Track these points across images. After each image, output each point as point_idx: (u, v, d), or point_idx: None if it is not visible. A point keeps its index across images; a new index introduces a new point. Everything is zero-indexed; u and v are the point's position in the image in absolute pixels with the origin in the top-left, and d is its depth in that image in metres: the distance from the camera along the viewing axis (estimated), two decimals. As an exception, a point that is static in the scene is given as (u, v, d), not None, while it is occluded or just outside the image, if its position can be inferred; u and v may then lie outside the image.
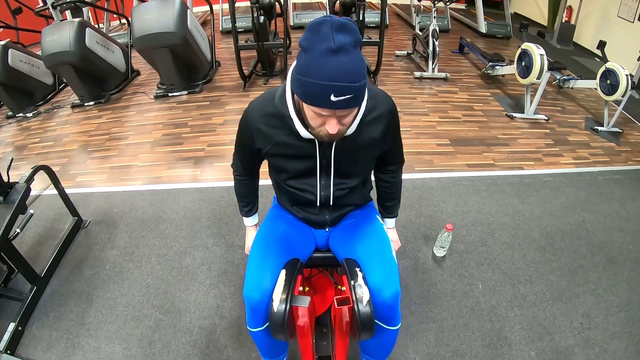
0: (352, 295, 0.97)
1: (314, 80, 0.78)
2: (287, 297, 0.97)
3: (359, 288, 0.98)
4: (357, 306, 0.95)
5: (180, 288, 1.78)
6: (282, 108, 0.96)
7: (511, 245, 2.01)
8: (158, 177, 2.59)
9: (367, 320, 0.96)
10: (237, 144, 1.15)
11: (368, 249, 1.10)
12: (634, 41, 4.21)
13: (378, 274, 1.02)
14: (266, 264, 1.06)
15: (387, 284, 1.01)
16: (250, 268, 1.07)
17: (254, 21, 3.43)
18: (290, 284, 0.99)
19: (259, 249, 1.12)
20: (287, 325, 0.97)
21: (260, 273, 1.04)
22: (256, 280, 1.03)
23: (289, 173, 1.09)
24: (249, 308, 1.04)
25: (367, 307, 0.96)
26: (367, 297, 0.97)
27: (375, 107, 1.00)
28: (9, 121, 3.61)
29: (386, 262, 1.06)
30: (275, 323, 0.97)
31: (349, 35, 0.76)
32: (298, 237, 1.20)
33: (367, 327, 0.96)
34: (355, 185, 1.13)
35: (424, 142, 2.92)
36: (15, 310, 1.62)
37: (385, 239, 1.15)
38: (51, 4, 3.56)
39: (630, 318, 1.65)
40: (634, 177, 2.62)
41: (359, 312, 0.95)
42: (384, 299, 1.00)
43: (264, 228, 1.21)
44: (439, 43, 3.90)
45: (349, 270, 1.04)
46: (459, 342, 1.54)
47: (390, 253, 1.10)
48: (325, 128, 0.87)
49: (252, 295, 1.02)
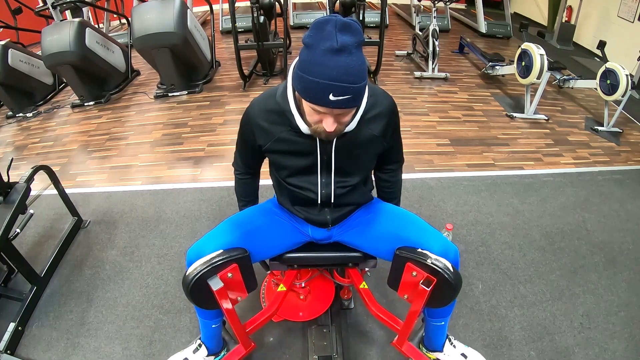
0: (436, 269, 0.99)
1: (314, 78, 0.78)
2: (203, 270, 1.00)
3: (438, 261, 1.00)
4: (448, 276, 0.98)
5: (180, 288, 1.77)
6: (283, 104, 0.97)
7: (511, 245, 2.01)
8: (158, 177, 2.59)
9: (459, 284, 1.02)
10: (239, 142, 1.16)
11: (405, 227, 1.13)
12: (634, 41, 4.21)
13: (433, 243, 1.05)
14: (218, 239, 1.09)
15: (445, 247, 1.05)
16: (208, 234, 1.12)
17: (254, 21, 3.43)
18: (215, 262, 1.02)
19: (228, 225, 1.15)
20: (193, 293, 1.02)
21: (207, 242, 1.09)
22: (201, 246, 1.08)
23: (289, 170, 1.10)
24: (186, 264, 1.09)
25: (456, 272, 1.00)
26: (449, 264, 1.00)
27: (375, 104, 1.01)
28: (9, 121, 3.61)
29: (428, 230, 1.10)
30: (183, 285, 1.03)
31: (352, 35, 0.76)
32: (269, 237, 1.19)
33: (459, 288, 1.03)
34: (356, 183, 1.13)
35: (424, 142, 2.92)
36: (15, 310, 1.62)
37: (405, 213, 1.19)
38: (51, 4, 3.56)
39: (630, 318, 1.65)
40: (634, 177, 2.62)
41: (452, 280, 0.99)
42: (451, 260, 1.03)
43: (248, 212, 1.23)
44: (439, 43, 3.90)
45: (413, 255, 1.04)
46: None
47: (420, 220, 1.15)
48: (322, 125, 0.88)
49: (190, 255, 1.09)
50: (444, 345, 1.33)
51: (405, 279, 1.08)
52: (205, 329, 1.30)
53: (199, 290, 1.03)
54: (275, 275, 1.56)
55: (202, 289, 1.03)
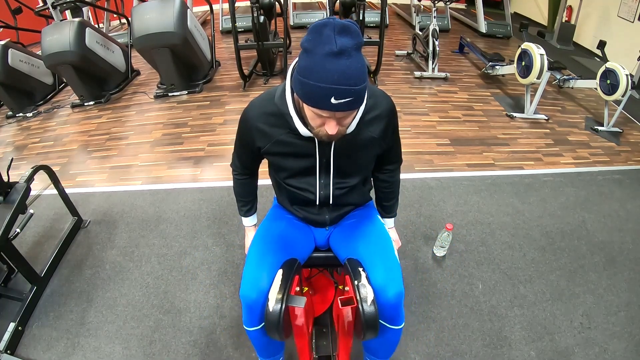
0: (356, 295, 0.97)
1: (314, 83, 0.78)
2: (283, 296, 0.96)
3: (363, 288, 0.97)
4: (362, 306, 0.95)
5: (180, 288, 1.78)
6: (282, 106, 0.97)
7: (511, 245, 2.01)
8: (158, 177, 2.59)
9: (371, 320, 0.95)
10: (237, 143, 1.15)
11: (370, 248, 1.10)
12: (634, 41, 4.21)
13: (381, 273, 1.02)
14: (263, 263, 1.06)
15: (390, 283, 1.01)
16: (247, 267, 1.07)
17: (254, 21, 3.43)
18: (286, 284, 0.99)
19: (257, 248, 1.12)
20: (283, 325, 0.96)
21: (257, 272, 1.04)
22: (253, 280, 1.03)
23: (288, 172, 1.10)
24: (245, 307, 1.04)
25: (371, 307, 0.95)
26: (371, 297, 0.97)
27: (374, 106, 1.00)
28: (9, 121, 3.61)
29: (389, 262, 1.06)
30: (270, 323, 0.96)
31: (351, 38, 0.76)
32: (297, 237, 1.20)
33: (372, 326, 0.96)
34: (355, 184, 1.13)
35: (424, 142, 2.92)
36: (15, 310, 1.62)
37: (387, 238, 1.15)
38: (51, 4, 3.56)
39: (630, 318, 1.65)
40: (634, 177, 2.62)
41: (363, 312, 0.95)
42: (387, 298, 1.00)
43: (263, 227, 1.21)
44: (439, 43, 3.90)
45: (352, 270, 1.03)
46: (459, 342, 1.54)
47: (393, 252, 1.10)
48: (325, 128, 0.88)
49: (248, 294, 1.02)
50: None
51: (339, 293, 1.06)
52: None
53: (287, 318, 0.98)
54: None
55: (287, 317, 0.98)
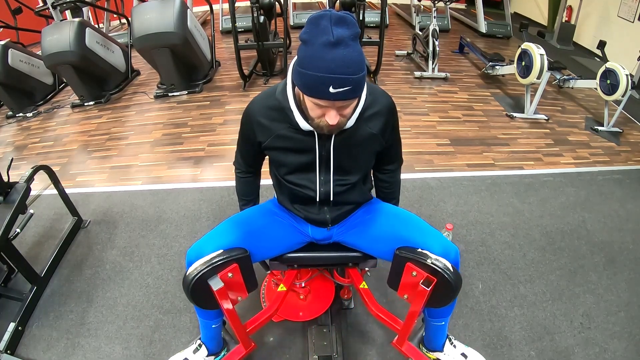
0: (436, 269, 0.99)
1: (313, 72, 0.80)
2: (203, 270, 1.00)
3: (438, 261, 1.00)
4: (448, 276, 0.98)
5: (180, 288, 1.78)
6: (283, 101, 0.98)
7: (511, 245, 2.01)
8: (158, 177, 2.59)
9: (459, 283, 1.02)
10: (239, 139, 1.17)
11: (406, 228, 1.12)
12: (634, 41, 4.21)
13: (434, 243, 1.05)
14: (219, 238, 1.09)
15: (446, 247, 1.05)
16: (208, 234, 1.12)
17: (254, 21, 3.43)
18: (214, 261, 1.02)
19: (228, 225, 1.15)
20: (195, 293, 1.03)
21: (209, 242, 1.09)
22: (201, 246, 1.08)
23: (288, 167, 1.10)
24: (186, 264, 1.09)
25: (455, 272, 1.00)
26: (450, 264, 1.00)
27: (374, 103, 1.02)
28: (9, 121, 3.61)
29: (429, 230, 1.10)
30: (183, 285, 1.03)
31: (347, 28, 0.78)
32: (270, 237, 1.19)
33: (458, 289, 1.03)
34: (355, 181, 1.13)
35: (424, 142, 2.92)
36: (15, 310, 1.62)
37: (405, 213, 1.18)
38: (51, 4, 3.56)
39: (630, 318, 1.65)
40: (634, 177, 2.62)
41: (452, 280, 0.99)
42: (452, 260, 1.03)
43: (249, 212, 1.24)
44: (439, 43, 3.90)
45: (413, 254, 1.04)
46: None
47: (421, 221, 1.14)
48: (325, 119, 0.89)
49: (190, 255, 1.09)
50: (444, 345, 1.33)
51: (405, 279, 1.08)
52: (205, 329, 1.30)
53: (200, 290, 1.03)
54: (275, 275, 1.56)
55: (203, 289, 1.03)
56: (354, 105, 0.92)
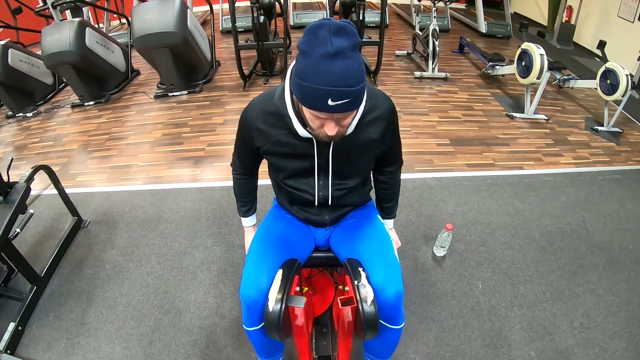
0: (356, 295, 0.97)
1: (311, 85, 0.78)
2: (283, 296, 0.96)
3: (363, 288, 0.98)
4: (362, 306, 0.95)
5: (180, 288, 1.78)
6: (281, 107, 0.97)
7: (511, 245, 2.01)
8: (158, 177, 2.59)
9: (371, 320, 0.96)
10: (237, 143, 1.16)
11: (370, 248, 1.10)
12: (634, 41, 4.21)
13: (381, 273, 1.02)
14: (263, 263, 1.06)
15: (390, 283, 1.01)
16: (247, 267, 1.07)
17: (254, 21, 3.43)
18: (286, 284, 0.99)
19: (257, 248, 1.12)
20: (282, 325, 0.96)
21: (257, 272, 1.04)
22: (253, 279, 1.03)
23: (287, 172, 1.10)
24: (245, 307, 1.04)
25: (371, 306, 0.96)
26: (371, 297, 0.97)
27: (374, 107, 1.00)
28: (9, 121, 3.61)
29: (389, 262, 1.06)
30: (270, 322, 0.97)
31: (347, 38, 0.75)
32: (297, 237, 1.20)
33: (372, 326, 0.96)
34: (354, 185, 1.13)
35: (424, 142, 2.92)
36: (15, 310, 1.62)
37: (386, 238, 1.15)
38: (51, 4, 3.56)
39: (630, 318, 1.65)
40: (634, 177, 2.62)
41: (363, 312, 0.95)
42: (387, 298, 1.00)
43: (263, 227, 1.21)
44: (439, 43, 3.89)
45: (352, 270, 1.03)
46: (459, 342, 1.54)
47: (392, 252, 1.10)
48: (324, 130, 0.88)
49: (248, 294, 1.02)
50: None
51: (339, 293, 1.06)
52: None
53: (287, 318, 0.98)
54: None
55: (287, 317, 0.98)
56: (353, 116, 0.91)
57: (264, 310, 1.00)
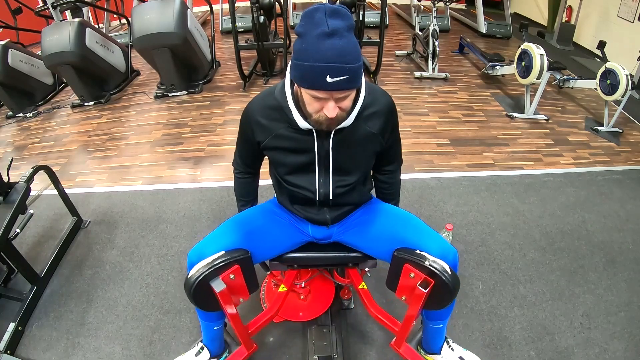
0: (434, 271, 0.99)
1: (309, 63, 0.80)
2: (205, 272, 1.00)
3: (435, 263, 1.00)
4: (446, 278, 0.98)
5: (180, 288, 1.78)
6: (282, 100, 0.98)
7: (511, 245, 2.01)
8: (158, 177, 2.59)
9: (457, 285, 1.01)
10: (238, 139, 1.17)
11: (405, 229, 1.12)
12: (634, 41, 4.21)
13: (432, 245, 1.05)
14: (220, 239, 1.09)
15: (444, 249, 1.04)
16: (209, 235, 1.12)
17: (254, 21, 3.43)
18: (216, 263, 1.02)
19: (229, 226, 1.15)
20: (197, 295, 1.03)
21: (210, 243, 1.09)
22: (203, 247, 1.08)
23: (287, 167, 1.10)
24: (188, 266, 1.09)
25: (453, 275, 0.99)
26: (447, 267, 1.00)
27: (373, 102, 1.01)
28: (9, 121, 3.61)
29: (427, 232, 1.10)
30: (185, 288, 1.03)
31: (342, 20, 0.79)
32: (270, 237, 1.19)
33: (456, 291, 1.01)
34: (354, 183, 1.13)
35: (424, 142, 2.92)
36: (15, 310, 1.62)
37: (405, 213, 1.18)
38: (51, 4, 3.56)
39: (630, 318, 1.65)
40: (634, 177, 2.62)
41: (450, 282, 0.98)
42: (450, 262, 1.03)
43: (249, 212, 1.23)
44: (439, 43, 3.90)
45: (410, 255, 1.04)
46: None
47: (420, 222, 1.14)
48: (324, 112, 0.88)
49: (191, 257, 1.08)
50: (442, 348, 1.33)
51: (403, 280, 1.08)
52: (207, 331, 1.30)
53: (202, 292, 1.03)
54: (275, 276, 1.56)
55: (205, 291, 1.03)
56: (352, 97, 0.92)
57: None
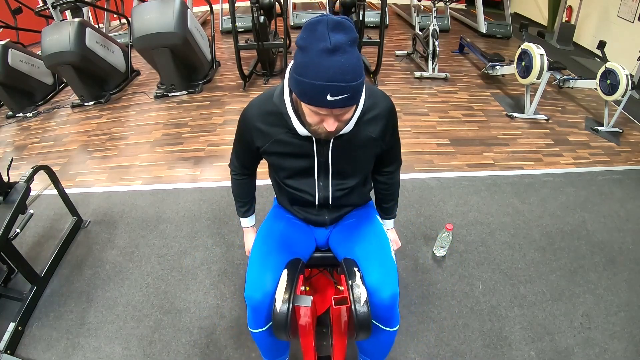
0: (349, 295, 0.97)
1: (310, 80, 0.78)
2: (290, 297, 0.96)
3: (357, 288, 0.98)
4: (354, 306, 0.95)
5: (180, 288, 1.78)
6: (281, 106, 0.96)
7: (511, 245, 2.01)
8: (158, 177, 2.59)
9: (364, 321, 0.96)
10: (236, 143, 1.16)
11: (367, 249, 1.10)
12: (634, 41, 4.21)
13: (376, 274, 1.02)
14: (267, 264, 1.06)
15: (385, 284, 1.00)
16: (251, 268, 1.06)
17: (254, 21, 3.43)
18: (292, 284, 0.99)
19: (260, 249, 1.12)
20: (290, 325, 0.96)
21: (261, 273, 1.04)
22: (257, 281, 1.03)
23: (287, 172, 1.10)
24: (250, 309, 1.04)
25: (364, 307, 0.96)
26: (364, 297, 0.97)
27: (373, 106, 0.99)
28: (9, 121, 3.61)
29: (385, 263, 1.06)
30: (278, 323, 0.96)
31: (344, 34, 0.76)
32: (298, 237, 1.20)
33: (364, 327, 0.96)
34: (354, 185, 1.13)
35: (424, 142, 2.92)
36: (15, 310, 1.62)
37: (384, 239, 1.15)
38: (51, 4, 3.56)
39: (630, 318, 1.65)
40: (634, 177, 2.62)
41: (356, 312, 0.95)
42: (381, 299, 0.99)
43: (264, 228, 1.21)
44: (439, 43, 3.90)
45: (347, 270, 1.04)
46: (459, 342, 1.54)
47: (389, 253, 1.10)
48: (323, 125, 0.87)
49: (253, 295, 1.01)
50: None
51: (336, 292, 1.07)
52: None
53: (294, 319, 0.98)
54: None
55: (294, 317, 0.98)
56: (352, 111, 0.90)
57: (269, 312, 1.00)
